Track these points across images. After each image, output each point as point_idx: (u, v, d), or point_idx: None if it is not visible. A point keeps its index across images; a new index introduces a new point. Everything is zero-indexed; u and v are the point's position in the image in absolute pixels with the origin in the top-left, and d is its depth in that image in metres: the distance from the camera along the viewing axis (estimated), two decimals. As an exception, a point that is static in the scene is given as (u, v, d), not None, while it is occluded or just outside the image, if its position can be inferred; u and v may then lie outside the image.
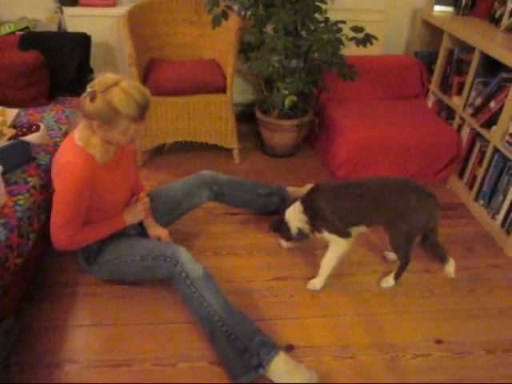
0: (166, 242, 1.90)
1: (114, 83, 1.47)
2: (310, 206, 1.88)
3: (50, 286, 1.93)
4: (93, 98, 1.46)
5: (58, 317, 1.80)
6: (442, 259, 1.92)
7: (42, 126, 1.96)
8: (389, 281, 1.99)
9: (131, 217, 1.83)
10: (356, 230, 1.89)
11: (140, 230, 1.94)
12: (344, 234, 1.86)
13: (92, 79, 1.50)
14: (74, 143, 1.59)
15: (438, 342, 1.76)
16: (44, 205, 1.86)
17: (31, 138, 1.92)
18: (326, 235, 1.88)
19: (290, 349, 1.70)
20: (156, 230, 1.93)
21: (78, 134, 1.60)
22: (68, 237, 1.65)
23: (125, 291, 1.91)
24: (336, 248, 1.89)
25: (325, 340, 1.75)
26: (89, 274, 1.91)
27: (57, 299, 1.87)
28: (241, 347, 1.55)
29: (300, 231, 1.93)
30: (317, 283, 1.96)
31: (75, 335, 1.74)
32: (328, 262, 1.92)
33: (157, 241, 1.89)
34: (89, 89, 1.48)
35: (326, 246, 1.91)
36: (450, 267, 1.91)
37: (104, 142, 1.61)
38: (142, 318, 1.81)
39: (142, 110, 1.52)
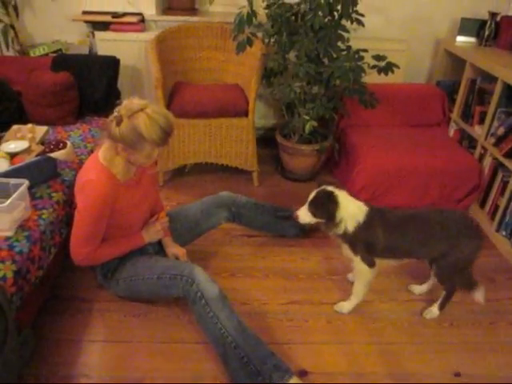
0: (184, 261, 1.92)
1: (140, 108, 1.51)
2: (368, 225, 1.74)
3: (68, 300, 1.96)
4: (119, 122, 1.51)
5: (74, 331, 1.82)
6: (473, 287, 1.85)
7: (69, 144, 2.03)
8: (433, 312, 1.95)
9: (149, 235, 1.86)
10: (393, 262, 1.87)
11: (158, 249, 1.97)
12: (372, 264, 1.83)
13: (119, 103, 1.54)
14: (98, 162, 1.64)
15: (457, 374, 1.71)
16: (66, 220, 1.91)
17: (58, 154, 1.99)
18: (356, 260, 1.82)
19: (303, 374, 1.67)
20: (174, 249, 1.95)
21: (102, 154, 1.65)
22: (87, 253, 1.68)
23: (140, 309, 1.93)
24: (363, 277, 1.86)
25: (339, 367, 1.72)
26: (106, 289, 1.93)
27: (74, 313, 1.90)
28: (253, 370, 1.53)
29: (343, 229, 1.73)
30: (345, 307, 1.94)
31: (90, 350, 1.75)
32: (358, 290, 1.90)
33: (174, 260, 1.90)
34: (115, 113, 1.52)
35: (342, 273, 1.89)
36: (480, 295, 1.84)
37: (127, 162, 1.65)
38: (155, 336, 1.81)
39: (167, 136, 1.56)
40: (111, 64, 2.74)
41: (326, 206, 1.73)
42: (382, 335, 1.87)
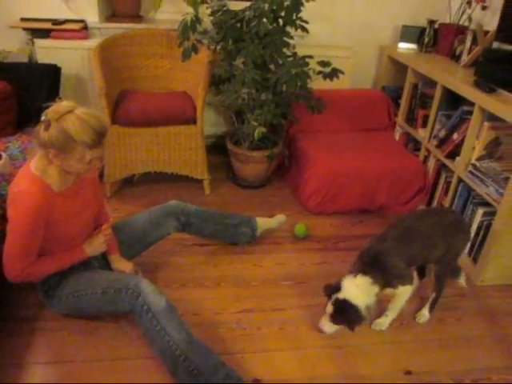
0: (130, 273, 1.85)
1: (68, 110, 1.45)
2: (382, 271, 1.73)
3: (7, 320, 1.84)
4: (47, 126, 1.44)
5: (15, 354, 1.71)
6: (459, 274, 2.01)
7: (4, 155, 1.93)
8: (425, 315, 1.98)
9: (91, 248, 1.77)
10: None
11: (103, 262, 1.89)
12: (411, 280, 1.82)
13: (47, 107, 1.48)
14: (29, 172, 1.55)
15: (407, 373, 1.74)
16: (3, 235, 1.80)
17: (-8, 167, 1.88)
18: (400, 289, 1.79)
19: (255, 383, 1.64)
20: (121, 265, 1.88)
21: (34, 164, 1.56)
22: (21, 268, 1.58)
23: (86, 326, 1.84)
24: (405, 296, 1.84)
25: (292, 373, 1.70)
26: (48, 308, 1.83)
27: (13, 335, 1.78)
28: (203, 382, 1.49)
29: (368, 307, 1.73)
30: (385, 323, 1.92)
31: (32, 373, 1.64)
32: (398, 306, 1.88)
33: (119, 273, 1.84)
34: (43, 117, 1.46)
35: (294, 278, 1.87)
36: (463, 279, 2.03)
37: (62, 171, 1.58)
38: (103, 354, 1.73)
39: (99, 137, 1.49)
40: (51, 72, 2.64)
41: (346, 317, 1.72)
42: (335, 338, 1.86)
